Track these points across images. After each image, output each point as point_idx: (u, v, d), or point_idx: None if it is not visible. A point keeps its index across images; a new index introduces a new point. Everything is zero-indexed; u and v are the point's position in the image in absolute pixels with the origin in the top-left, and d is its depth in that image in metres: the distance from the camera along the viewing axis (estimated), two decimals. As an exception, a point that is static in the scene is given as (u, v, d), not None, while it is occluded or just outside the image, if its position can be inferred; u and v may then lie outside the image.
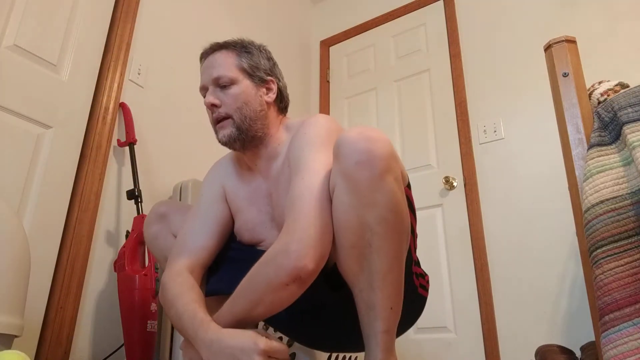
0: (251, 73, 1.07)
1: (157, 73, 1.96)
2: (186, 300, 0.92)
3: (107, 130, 1.68)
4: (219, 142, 1.06)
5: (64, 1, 1.65)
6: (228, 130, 1.03)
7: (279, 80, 1.12)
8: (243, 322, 0.87)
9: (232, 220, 1.12)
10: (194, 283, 0.98)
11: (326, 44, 3.07)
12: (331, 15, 3.14)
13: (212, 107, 1.04)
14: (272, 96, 1.09)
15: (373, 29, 2.89)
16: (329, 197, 0.87)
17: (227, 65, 1.06)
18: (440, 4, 2.65)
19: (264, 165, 1.09)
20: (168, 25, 2.07)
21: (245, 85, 1.05)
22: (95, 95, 1.70)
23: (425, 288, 1.09)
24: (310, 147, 0.95)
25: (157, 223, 1.17)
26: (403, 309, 0.88)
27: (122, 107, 1.76)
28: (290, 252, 0.81)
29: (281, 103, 1.13)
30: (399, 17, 2.80)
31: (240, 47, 1.09)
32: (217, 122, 1.05)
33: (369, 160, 0.80)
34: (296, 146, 0.98)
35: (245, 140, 1.04)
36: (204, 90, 1.07)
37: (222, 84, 1.04)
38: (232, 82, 1.04)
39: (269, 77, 1.10)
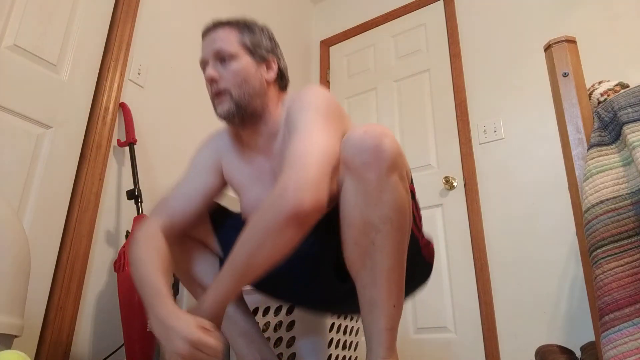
0: (252, 50, 1.07)
1: (157, 73, 1.96)
2: (151, 268, 0.93)
3: (107, 130, 1.68)
4: (218, 116, 1.06)
5: (64, 1, 1.65)
6: (227, 105, 1.03)
7: (280, 60, 1.13)
8: (243, 277, 0.86)
9: (218, 192, 1.13)
10: (162, 247, 0.99)
11: (326, 44, 3.07)
12: (331, 15, 3.14)
13: (211, 81, 1.05)
14: (272, 75, 1.09)
15: (373, 29, 2.89)
16: (326, 151, 0.87)
17: (228, 40, 1.06)
18: (440, 4, 2.65)
19: (264, 143, 1.09)
20: (168, 25, 2.07)
21: (245, 61, 1.05)
22: (95, 95, 1.70)
23: (432, 256, 1.12)
24: (305, 111, 0.95)
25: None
26: (412, 276, 0.92)
27: (122, 107, 1.76)
28: (288, 193, 0.81)
29: (282, 82, 1.14)
30: (399, 17, 2.80)
31: (242, 25, 1.10)
32: (215, 96, 1.05)
33: (375, 161, 0.82)
34: (292, 112, 0.99)
35: (244, 116, 1.04)
36: (204, 64, 1.08)
37: (222, 58, 1.05)
38: (232, 57, 1.04)
39: (270, 56, 1.10)
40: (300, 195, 0.80)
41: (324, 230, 0.93)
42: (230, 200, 1.72)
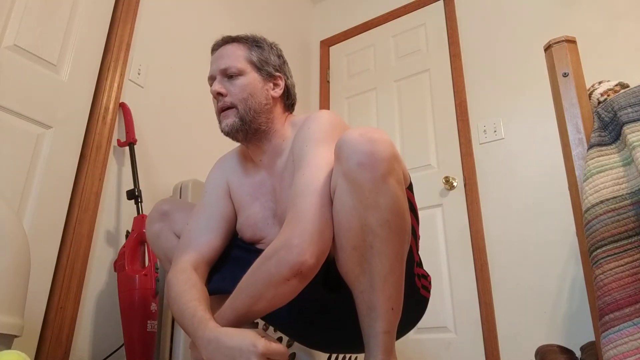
0: (259, 67, 1.08)
1: (157, 73, 1.96)
2: (187, 298, 0.92)
3: (107, 130, 1.68)
4: (222, 131, 1.06)
5: (64, 1, 1.65)
6: (231, 119, 1.04)
7: (287, 78, 1.13)
8: (244, 318, 0.87)
9: (236, 217, 1.12)
10: (197, 280, 0.98)
11: (326, 44, 3.07)
12: (331, 15, 3.14)
13: (217, 95, 1.05)
14: (278, 92, 1.10)
15: (373, 29, 2.89)
16: (329, 193, 0.87)
17: (236, 56, 1.07)
18: (440, 4, 2.65)
19: (269, 161, 1.09)
20: (168, 25, 2.06)
21: (252, 77, 1.06)
22: (95, 95, 1.70)
23: (428, 289, 1.09)
24: (312, 143, 0.95)
25: (159, 221, 1.17)
26: (405, 311, 0.88)
27: (122, 107, 1.76)
28: (292, 247, 0.81)
29: (288, 100, 1.13)
30: (399, 17, 2.80)
31: (251, 41, 1.10)
32: (221, 111, 1.06)
33: (371, 163, 0.80)
34: (299, 141, 0.98)
35: (248, 131, 1.05)
36: (211, 80, 1.08)
37: (229, 74, 1.05)
38: (239, 73, 1.05)
39: (277, 73, 1.10)
40: (304, 248, 0.80)
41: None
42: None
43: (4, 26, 1.46)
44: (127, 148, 1.73)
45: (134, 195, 1.61)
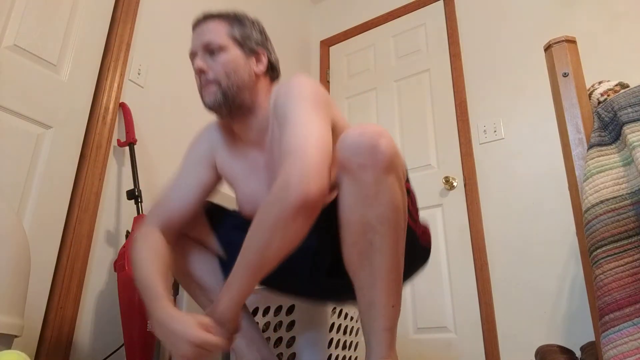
0: (242, 42, 1.06)
1: (157, 73, 1.96)
2: (149, 270, 0.95)
3: (107, 130, 1.68)
4: (205, 106, 1.06)
5: (64, 1, 1.65)
6: (213, 95, 1.03)
7: (270, 53, 1.12)
8: (258, 272, 0.85)
9: (214, 186, 1.13)
10: (164, 250, 1.01)
11: (326, 44, 3.07)
12: (331, 15, 3.14)
13: (200, 72, 1.04)
14: (261, 68, 1.08)
15: (373, 29, 2.89)
16: (322, 139, 0.86)
17: (217, 32, 1.06)
18: (440, 4, 2.65)
19: (256, 137, 1.08)
20: (168, 25, 2.07)
21: (234, 53, 1.05)
22: (95, 95, 1.70)
23: (429, 239, 1.14)
24: (295, 101, 0.94)
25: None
26: (411, 262, 0.92)
27: (122, 107, 1.76)
28: (292, 184, 0.80)
29: (273, 73, 1.13)
30: (399, 17, 2.80)
31: (232, 17, 1.09)
32: (203, 86, 1.05)
33: (372, 163, 0.81)
34: (280, 103, 0.98)
35: (231, 107, 1.04)
36: (193, 56, 1.07)
37: (211, 50, 1.04)
38: (221, 49, 1.04)
39: (260, 49, 1.09)
40: (305, 184, 0.80)
41: (323, 225, 0.92)
42: (223, 198, 1.71)
43: (4, 26, 1.46)
44: (127, 148, 1.73)
45: (134, 195, 1.61)
